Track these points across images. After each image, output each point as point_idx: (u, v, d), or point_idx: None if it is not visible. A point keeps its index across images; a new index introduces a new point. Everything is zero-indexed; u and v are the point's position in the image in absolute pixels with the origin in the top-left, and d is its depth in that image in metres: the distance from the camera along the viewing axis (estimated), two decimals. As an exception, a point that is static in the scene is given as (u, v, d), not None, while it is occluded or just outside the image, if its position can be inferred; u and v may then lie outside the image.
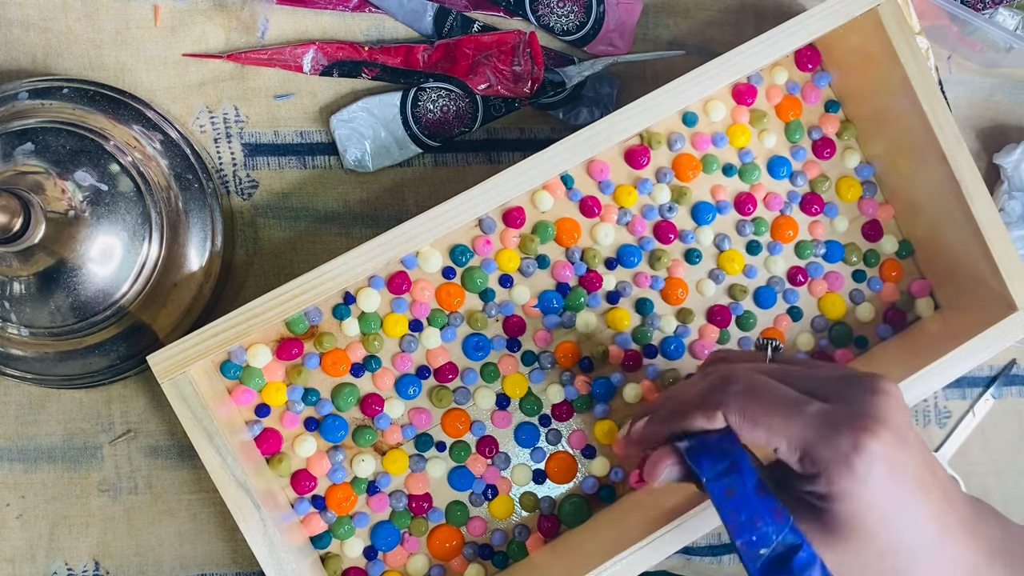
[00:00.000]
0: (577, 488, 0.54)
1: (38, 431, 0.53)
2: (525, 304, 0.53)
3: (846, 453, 0.38)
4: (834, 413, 0.39)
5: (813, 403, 0.39)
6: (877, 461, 0.38)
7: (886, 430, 0.38)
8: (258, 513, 0.45)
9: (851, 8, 0.50)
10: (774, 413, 0.39)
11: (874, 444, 0.38)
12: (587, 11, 0.55)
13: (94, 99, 0.49)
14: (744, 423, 0.40)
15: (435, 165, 0.55)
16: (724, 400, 0.40)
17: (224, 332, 0.46)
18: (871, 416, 0.38)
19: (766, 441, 0.40)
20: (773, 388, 0.40)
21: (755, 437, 0.40)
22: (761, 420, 0.40)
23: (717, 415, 0.40)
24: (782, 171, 0.56)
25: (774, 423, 0.39)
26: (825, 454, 0.38)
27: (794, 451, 0.39)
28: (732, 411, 0.40)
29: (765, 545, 0.39)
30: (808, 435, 0.39)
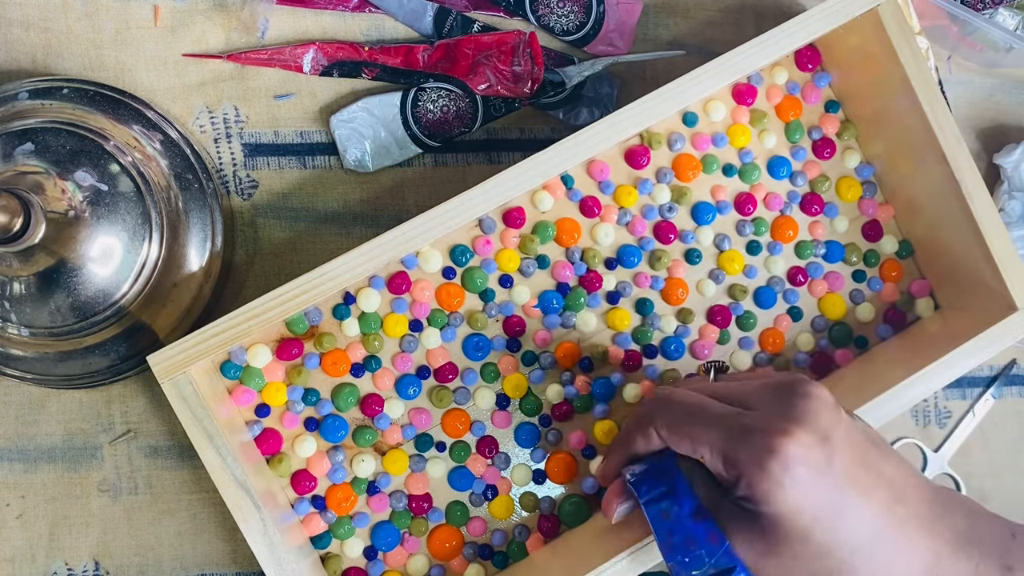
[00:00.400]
0: (577, 488, 0.54)
1: (38, 431, 0.53)
2: (525, 304, 0.53)
3: (759, 456, 0.38)
4: (752, 418, 0.40)
5: (733, 411, 0.41)
6: (794, 463, 0.38)
7: (804, 432, 0.38)
8: (258, 513, 0.45)
9: (851, 8, 0.50)
10: (695, 423, 0.41)
11: (788, 446, 0.38)
12: (587, 11, 0.55)
13: (94, 99, 0.49)
14: (671, 435, 0.42)
15: (435, 165, 0.55)
16: (653, 416, 0.43)
17: (224, 332, 0.46)
18: (789, 418, 0.39)
19: (691, 450, 0.41)
20: (694, 400, 0.43)
21: (682, 448, 0.42)
22: (684, 430, 0.42)
23: (650, 432, 0.43)
24: (782, 171, 0.56)
25: (695, 432, 0.41)
26: (742, 458, 0.39)
27: (716, 458, 0.40)
28: (659, 425, 0.43)
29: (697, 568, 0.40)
30: (726, 441, 0.40)
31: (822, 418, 0.39)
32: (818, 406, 0.40)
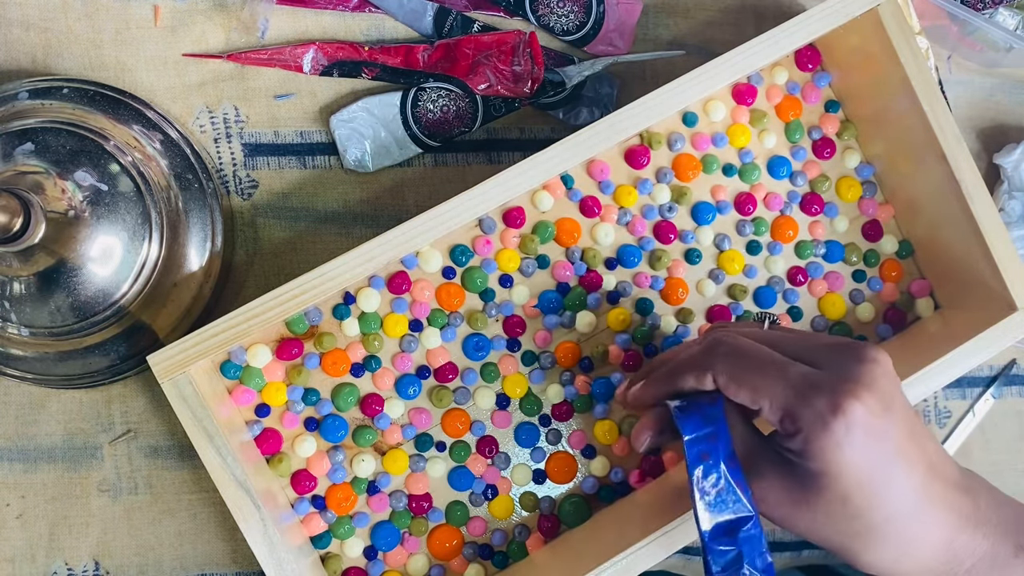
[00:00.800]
0: (577, 488, 0.54)
1: (38, 431, 0.53)
2: (525, 304, 0.53)
3: (824, 415, 0.39)
4: (818, 376, 0.40)
5: (797, 366, 0.41)
6: (856, 426, 0.38)
7: (869, 395, 0.39)
8: (258, 513, 0.45)
9: (851, 8, 0.50)
10: (758, 374, 0.41)
11: (854, 408, 0.38)
12: (587, 11, 0.55)
13: (94, 99, 0.49)
14: (730, 383, 0.41)
15: (435, 165, 0.55)
16: (713, 362, 0.42)
17: (224, 332, 0.46)
18: (855, 381, 0.39)
19: (750, 401, 0.41)
20: (759, 351, 0.42)
21: (740, 397, 0.41)
22: (746, 381, 0.41)
23: (707, 376, 0.42)
24: (782, 171, 0.56)
25: (758, 383, 0.40)
26: (804, 414, 0.39)
27: (776, 411, 0.40)
28: (720, 372, 0.42)
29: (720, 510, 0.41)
30: (789, 396, 0.40)
31: (885, 386, 0.40)
32: (882, 373, 0.40)
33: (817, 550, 0.58)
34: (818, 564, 0.61)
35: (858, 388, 0.39)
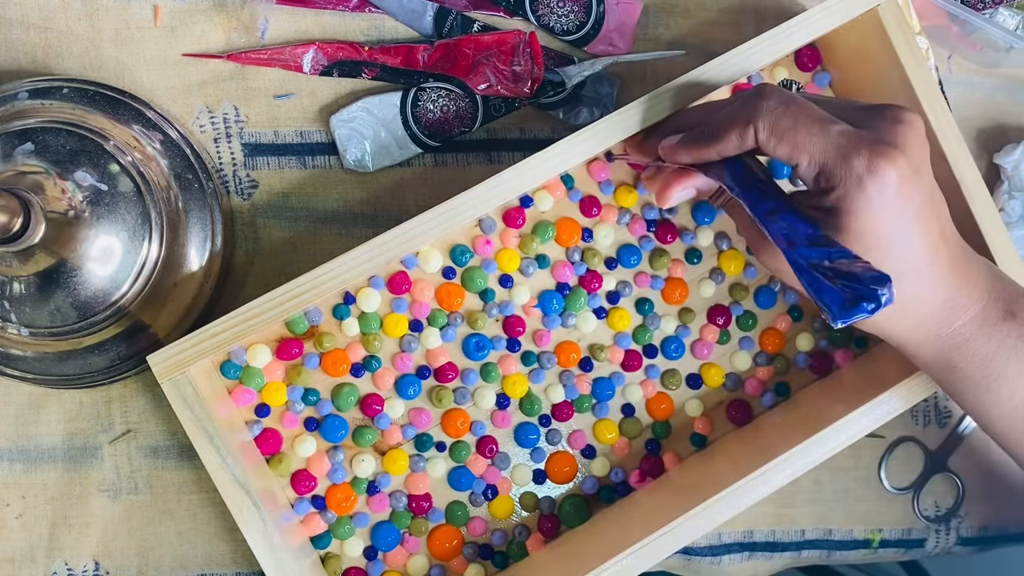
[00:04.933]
0: (577, 488, 0.54)
1: (38, 431, 0.53)
2: (525, 304, 0.53)
3: (860, 173, 0.40)
4: (856, 135, 0.41)
5: (839, 123, 0.42)
6: (888, 186, 0.40)
7: (903, 157, 0.40)
8: (258, 513, 0.45)
9: (851, 8, 0.50)
10: (800, 129, 0.41)
11: (888, 168, 0.40)
12: (587, 11, 0.55)
13: (94, 99, 0.49)
14: (771, 137, 0.42)
15: (435, 165, 0.55)
16: (757, 114, 0.42)
17: (224, 332, 0.46)
18: (890, 142, 0.41)
19: (788, 156, 0.42)
20: (804, 105, 0.42)
21: (778, 152, 0.42)
22: (787, 135, 0.42)
23: (749, 131, 0.42)
24: (782, 170, 0.56)
25: (799, 139, 0.41)
26: (840, 171, 0.41)
27: (813, 167, 0.41)
28: (763, 124, 0.42)
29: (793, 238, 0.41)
30: (828, 152, 0.41)
31: (917, 149, 0.41)
32: (916, 136, 0.42)
33: (817, 550, 0.58)
34: (818, 564, 0.61)
35: (893, 150, 0.40)
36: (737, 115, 0.43)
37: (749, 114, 0.42)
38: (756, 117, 0.42)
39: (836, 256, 0.39)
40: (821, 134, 0.41)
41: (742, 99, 0.43)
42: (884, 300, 0.37)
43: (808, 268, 0.39)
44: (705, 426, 0.55)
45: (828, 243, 0.40)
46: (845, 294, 0.38)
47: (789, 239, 0.41)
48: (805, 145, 0.41)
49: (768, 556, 0.58)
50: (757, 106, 0.42)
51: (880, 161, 0.40)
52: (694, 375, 0.55)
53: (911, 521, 0.59)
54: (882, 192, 0.40)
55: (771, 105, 0.42)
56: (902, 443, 0.59)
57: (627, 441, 0.54)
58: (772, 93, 0.43)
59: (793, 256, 0.40)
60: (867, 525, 0.59)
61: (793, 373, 0.56)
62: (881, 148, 0.40)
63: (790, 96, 0.43)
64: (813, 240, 0.40)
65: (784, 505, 0.58)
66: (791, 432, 0.50)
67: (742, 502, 0.48)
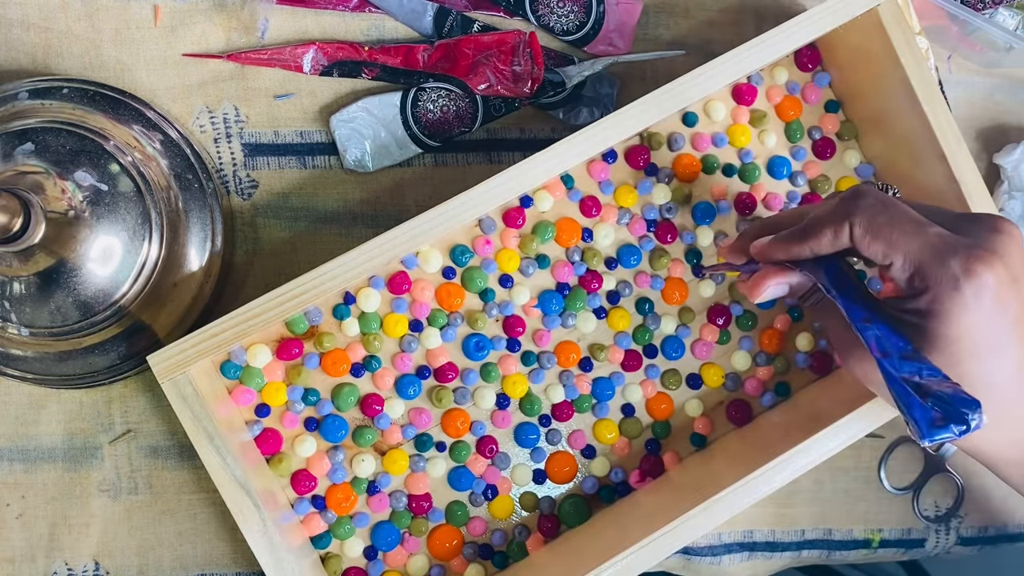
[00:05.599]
0: (577, 488, 0.54)
1: (38, 431, 0.53)
2: (525, 304, 0.53)
3: (956, 276, 0.40)
4: (953, 238, 0.41)
5: (935, 226, 0.41)
6: (984, 290, 0.39)
7: (1001, 263, 0.40)
8: (258, 513, 0.45)
9: (851, 8, 0.50)
10: (897, 228, 0.41)
11: (986, 272, 0.39)
12: (587, 11, 0.55)
13: (94, 99, 0.49)
14: (866, 235, 0.41)
15: (435, 165, 0.55)
16: (854, 211, 0.42)
17: (224, 332, 0.46)
18: (989, 248, 0.40)
19: (883, 255, 0.41)
20: (901, 207, 0.42)
21: (872, 250, 0.41)
22: (883, 233, 0.41)
23: (844, 228, 0.42)
24: (782, 171, 0.56)
25: (895, 237, 0.41)
26: (936, 273, 0.40)
27: (908, 267, 0.41)
28: (859, 222, 0.42)
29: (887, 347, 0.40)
30: (924, 252, 0.40)
31: (1016, 258, 0.41)
32: (1015, 245, 0.41)
33: (817, 550, 0.58)
34: (818, 564, 0.61)
35: (992, 256, 0.40)
36: (833, 212, 0.43)
37: (846, 211, 0.42)
38: (853, 214, 0.42)
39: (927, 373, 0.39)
40: (917, 234, 0.41)
41: (838, 197, 0.43)
42: (973, 425, 0.36)
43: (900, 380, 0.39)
44: (705, 426, 0.55)
45: (920, 359, 0.39)
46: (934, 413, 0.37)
47: (883, 348, 0.40)
48: (901, 244, 0.41)
49: (768, 556, 0.58)
50: (854, 204, 0.42)
51: (978, 265, 0.39)
52: (694, 375, 0.55)
53: (911, 521, 0.59)
54: (978, 297, 0.39)
55: (868, 203, 0.42)
56: (902, 443, 0.59)
57: (627, 441, 0.54)
58: (869, 192, 0.43)
59: (886, 365, 0.40)
60: (867, 525, 0.59)
61: (793, 373, 0.56)
62: (979, 252, 0.40)
63: (887, 197, 0.42)
64: (905, 354, 0.40)
65: (784, 505, 0.58)
66: (791, 432, 0.50)
67: (742, 502, 0.48)
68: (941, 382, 0.38)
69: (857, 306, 0.42)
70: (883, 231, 0.41)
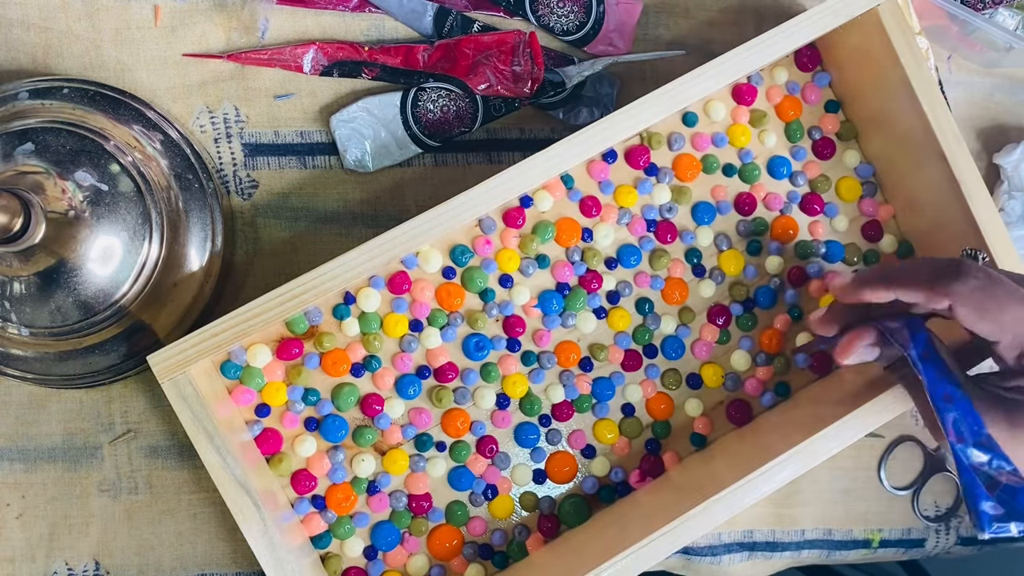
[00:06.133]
0: (577, 488, 0.54)
1: (38, 431, 0.53)
2: (525, 304, 0.53)
3: None
4: None
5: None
6: None
7: None
8: (258, 513, 0.45)
9: (851, 8, 0.50)
10: (1006, 309, 0.40)
11: None
12: (587, 11, 0.55)
13: (94, 99, 0.49)
14: (971, 313, 0.41)
15: (435, 165, 0.55)
16: (957, 288, 0.41)
17: (224, 332, 0.46)
18: None
19: (989, 333, 0.41)
20: (1007, 285, 0.41)
21: (979, 328, 0.41)
22: (991, 313, 0.41)
23: (943, 301, 0.41)
24: (782, 171, 0.56)
25: (1004, 318, 0.40)
26: None
27: (1016, 347, 0.40)
28: (963, 300, 0.41)
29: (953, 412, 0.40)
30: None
31: None
32: None
33: (817, 550, 0.58)
34: (818, 564, 0.61)
35: None
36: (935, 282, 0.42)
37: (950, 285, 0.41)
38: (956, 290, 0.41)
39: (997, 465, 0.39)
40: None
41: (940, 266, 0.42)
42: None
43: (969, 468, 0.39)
44: (705, 426, 0.55)
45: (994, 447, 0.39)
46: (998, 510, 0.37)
47: (959, 431, 0.40)
48: (1010, 325, 0.40)
49: (768, 556, 0.58)
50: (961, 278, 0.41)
51: None
52: (694, 375, 0.55)
53: (911, 521, 0.59)
54: None
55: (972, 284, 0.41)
56: (902, 443, 0.59)
57: (627, 441, 0.54)
58: (971, 269, 0.42)
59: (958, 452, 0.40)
60: (867, 525, 0.59)
61: (793, 373, 0.56)
62: None
63: (991, 273, 0.42)
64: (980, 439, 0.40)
65: (784, 505, 0.58)
66: (791, 432, 0.50)
67: (742, 502, 0.48)
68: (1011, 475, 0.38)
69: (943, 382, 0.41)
70: (990, 311, 0.41)
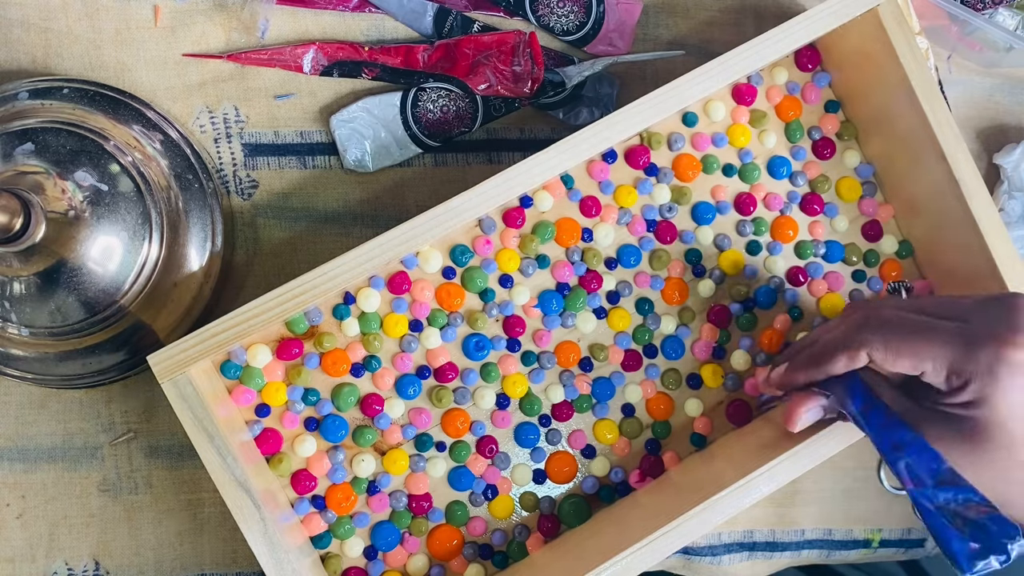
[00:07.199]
0: (577, 488, 0.54)
1: (38, 431, 0.53)
2: (525, 304, 0.53)
3: (989, 364, 0.40)
4: (973, 329, 0.41)
5: (949, 323, 0.42)
6: (1020, 370, 0.40)
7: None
8: (258, 513, 0.45)
9: (851, 8, 0.50)
10: (916, 340, 0.42)
11: (1015, 354, 0.40)
12: (587, 11, 0.55)
13: (94, 99, 0.49)
14: (888, 355, 0.42)
15: (435, 165, 0.55)
16: (866, 339, 0.43)
17: (224, 332, 0.46)
18: (1012, 328, 0.41)
19: (912, 367, 0.42)
20: (909, 319, 0.43)
21: (899, 366, 0.42)
22: (904, 349, 0.42)
23: (860, 354, 0.43)
24: (782, 171, 0.56)
25: (918, 349, 0.42)
26: (969, 368, 0.40)
27: (940, 371, 0.41)
28: (875, 347, 0.43)
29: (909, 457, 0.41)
30: (951, 353, 0.41)
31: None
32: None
33: (817, 550, 0.58)
34: (818, 564, 0.61)
35: (1017, 335, 0.40)
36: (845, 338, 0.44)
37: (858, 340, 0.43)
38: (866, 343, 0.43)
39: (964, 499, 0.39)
40: (937, 337, 0.41)
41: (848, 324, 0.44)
42: (1014, 553, 0.37)
43: (934, 511, 0.39)
44: (705, 426, 0.55)
45: (955, 481, 0.40)
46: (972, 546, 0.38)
47: (915, 477, 0.41)
48: (925, 353, 0.41)
49: (768, 556, 0.58)
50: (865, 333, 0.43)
51: (1005, 349, 0.40)
52: (694, 375, 0.55)
53: (911, 521, 0.59)
54: (1016, 377, 0.40)
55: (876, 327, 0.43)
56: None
57: (627, 441, 0.54)
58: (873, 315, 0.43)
59: (919, 498, 0.40)
60: (867, 525, 0.59)
61: (793, 373, 0.56)
62: (1004, 335, 0.40)
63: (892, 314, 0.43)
64: (940, 478, 0.40)
65: (784, 505, 0.58)
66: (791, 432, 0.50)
67: (742, 502, 0.48)
68: (979, 506, 0.39)
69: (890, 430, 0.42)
70: (903, 348, 0.42)
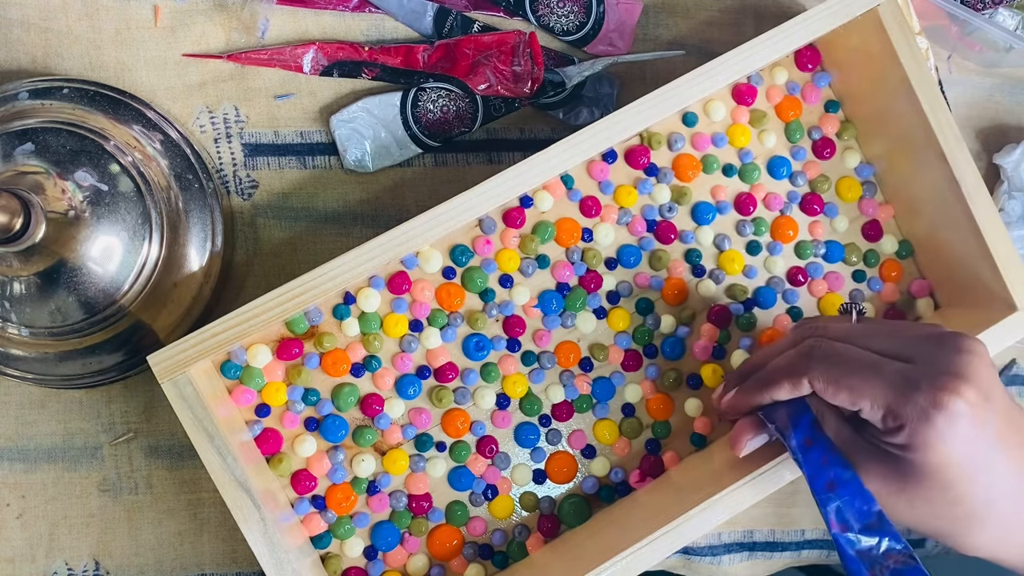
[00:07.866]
0: (577, 488, 0.54)
1: (38, 431, 0.53)
2: (525, 304, 0.53)
3: (926, 409, 0.40)
4: (915, 372, 0.41)
5: (893, 363, 0.41)
6: (957, 417, 0.39)
7: (968, 387, 0.40)
8: (258, 513, 0.45)
9: (851, 8, 0.50)
10: (856, 377, 0.41)
11: (955, 402, 0.39)
12: (587, 11, 0.55)
13: (94, 99, 0.49)
14: (828, 387, 0.42)
15: (435, 165, 0.55)
16: (809, 367, 0.43)
17: (224, 332, 0.46)
18: (954, 374, 0.40)
19: (850, 403, 0.42)
20: (854, 353, 0.42)
21: (839, 400, 0.42)
22: (844, 383, 0.42)
23: (803, 383, 0.43)
24: (782, 171, 0.56)
25: (856, 385, 0.41)
26: (906, 411, 0.40)
27: (877, 410, 0.41)
28: (817, 377, 0.43)
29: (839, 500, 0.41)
30: (889, 395, 0.40)
31: (984, 376, 0.41)
32: (980, 363, 0.41)
33: (817, 550, 0.58)
34: (818, 564, 0.61)
35: (957, 381, 0.40)
36: (790, 365, 0.44)
37: (802, 367, 0.43)
38: (809, 370, 0.43)
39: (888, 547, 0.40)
40: (877, 376, 0.41)
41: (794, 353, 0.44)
42: None
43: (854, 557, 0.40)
44: (705, 426, 0.55)
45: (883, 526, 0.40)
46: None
47: (843, 520, 0.41)
48: (864, 390, 0.41)
49: (768, 556, 0.58)
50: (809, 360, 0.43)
51: (943, 395, 0.39)
52: (694, 375, 0.55)
53: (911, 521, 0.59)
54: (952, 424, 0.39)
55: (821, 356, 0.43)
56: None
57: (627, 441, 0.54)
58: (819, 345, 0.43)
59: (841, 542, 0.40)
60: (867, 525, 0.59)
61: (793, 373, 0.56)
62: (943, 381, 0.40)
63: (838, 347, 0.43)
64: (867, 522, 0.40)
65: (784, 505, 0.58)
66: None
67: (742, 502, 0.48)
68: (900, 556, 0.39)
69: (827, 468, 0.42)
70: (843, 381, 0.42)
